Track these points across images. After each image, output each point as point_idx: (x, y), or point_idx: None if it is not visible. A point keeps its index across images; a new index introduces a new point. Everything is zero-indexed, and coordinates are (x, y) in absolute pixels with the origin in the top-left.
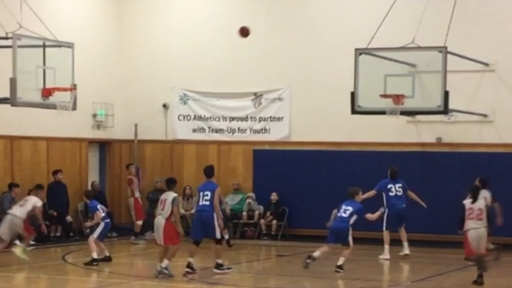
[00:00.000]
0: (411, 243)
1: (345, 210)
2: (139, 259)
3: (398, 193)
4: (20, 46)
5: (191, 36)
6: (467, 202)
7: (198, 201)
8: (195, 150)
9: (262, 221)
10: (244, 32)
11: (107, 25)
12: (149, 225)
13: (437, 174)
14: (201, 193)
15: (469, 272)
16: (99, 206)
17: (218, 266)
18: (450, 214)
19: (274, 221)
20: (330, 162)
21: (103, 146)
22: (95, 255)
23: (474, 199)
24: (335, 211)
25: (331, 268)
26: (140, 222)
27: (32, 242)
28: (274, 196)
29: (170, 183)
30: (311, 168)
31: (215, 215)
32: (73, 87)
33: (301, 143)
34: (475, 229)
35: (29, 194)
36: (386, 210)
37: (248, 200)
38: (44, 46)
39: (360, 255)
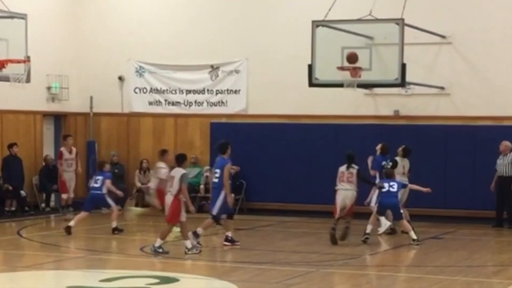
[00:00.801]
0: (369, 215)
1: (392, 186)
2: (97, 233)
3: None
4: None
5: (148, 7)
6: (342, 167)
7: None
8: (152, 123)
9: None
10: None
11: None
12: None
13: (395, 147)
14: (213, 171)
15: (425, 245)
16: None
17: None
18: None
19: (232, 195)
20: (288, 135)
21: (58, 119)
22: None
23: (349, 165)
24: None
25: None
26: (64, 196)
27: None
28: (233, 170)
29: (179, 160)
30: (269, 141)
31: (223, 192)
32: (27, 59)
33: (259, 116)
34: (344, 190)
35: None
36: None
37: (205, 174)
38: None
39: (318, 228)
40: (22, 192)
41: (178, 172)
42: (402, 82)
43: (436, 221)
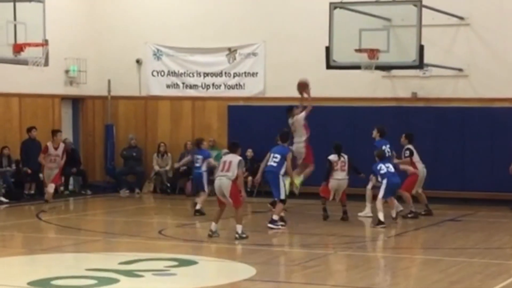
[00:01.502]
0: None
1: (388, 167)
2: (116, 215)
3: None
4: None
5: None
6: (332, 157)
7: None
8: (169, 106)
9: None
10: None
11: None
12: (123, 182)
13: (413, 129)
14: (271, 154)
15: (443, 227)
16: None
17: (273, 221)
18: (428, 169)
19: (250, 178)
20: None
21: (76, 102)
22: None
23: (338, 154)
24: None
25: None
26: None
27: (5, 200)
28: (249, 153)
29: (234, 147)
30: (286, 124)
31: (280, 176)
32: (45, 43)
33: (276, 98)
34: (338, 180)
35: None
36: None
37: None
38: (14, 0)
39: (335, 210)
40: (41, 176)
41: (235, 157)
42: (420, 64)
43: (454, 203)
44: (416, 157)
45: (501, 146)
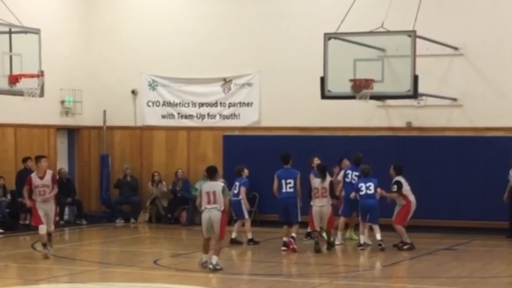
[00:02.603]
0: (382, 227)
1: (369, 187)
2: (111, 245)
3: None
4: None
5: (159, 21)
6: (315, 181)
7: (281, 188)
8: (165, 136)
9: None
10: None
11: (75, 11)
12: (118, 212)
13: (407, 158)
14: (283, 181)
15: (439, 256)
16: None
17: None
18: (421, 198)
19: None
20: (300, 147)
21: (72, 132)
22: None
23: (323, 177)
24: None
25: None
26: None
27: (0, 230)
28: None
29: (213, 172)
30: (281, 153)
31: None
32: (41, 74)
33: (271, 128)
34: (319, 207)
35: None
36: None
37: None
38: (10, 32)
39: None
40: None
41: (218, 186)
42: (414, 94)
43: (449, 232)
44: (406, 189)
45: (495, 175)
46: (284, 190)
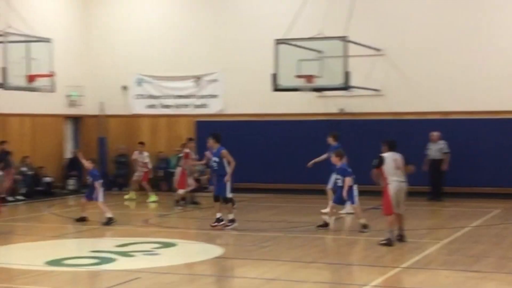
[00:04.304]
0: (322, 192)
1: None
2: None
3: None
4: (8, 42)
5: (144, 31)
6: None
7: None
8: (149, 122)
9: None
10: None
11: (79, 24)
12: (114, 183)
13: (341, 138)
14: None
15: (367, 214)
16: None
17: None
18: (351, 168)
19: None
20: (256, 129)
21: (76, 120)
22: (109, 214)
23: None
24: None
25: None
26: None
27: (22, 198)
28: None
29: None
30: (242, 134)
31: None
32: (52, 74)
33: (234, 115)
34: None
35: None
36: None
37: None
38: (27, 41)
39: (281, 202)
40: (46, 178)
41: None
42: (346, 86)
43: (377, 195)
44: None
45: (411, 150)
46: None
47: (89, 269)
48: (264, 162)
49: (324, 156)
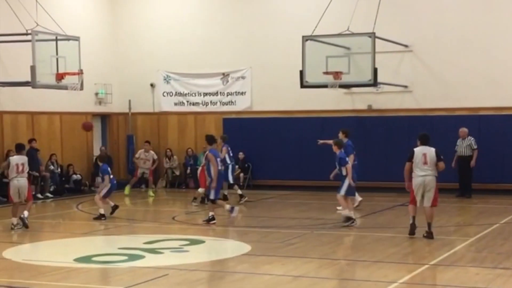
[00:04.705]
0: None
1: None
2: (137, 206)
3: None
4: (37, 40)
5: (172, 29)
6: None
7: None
8: (177, 120)
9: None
10: (87, 127)
11: (106, 22)
12: (141, 180)
13: (368, 134)
14: (218, 159)
15: (396, 211)
16: (109, 169)
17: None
18: (380, 165)
19: (242, 174)
20: (284, 126)
21: (104, 118)
22: (102, 211)
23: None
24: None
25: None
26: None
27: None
28: (241, 155)
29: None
30: (269, 131)
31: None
32: (80, 72)
33: (261, 112)
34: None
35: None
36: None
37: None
38: (56, 39)
39: (309, 199)
40: (74, 176)
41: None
42: (374, 83)
43: (404, 192)
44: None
45: (439, 147)
46: (219, 168)
47: (118, 266)
48: (292, 159)
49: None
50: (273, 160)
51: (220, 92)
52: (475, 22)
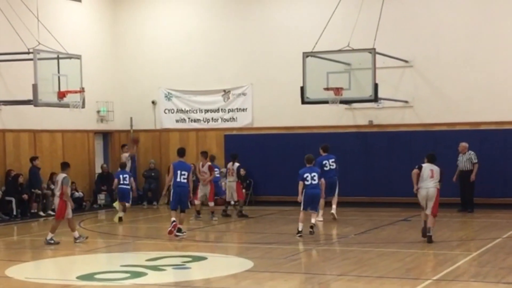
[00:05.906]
0: (351, 204)
1: (313, 177)
2: (139, 223)
3: (331, 167)
4: (39, 59)
5: (172, 46)
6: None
7: (176, 177)
8: (178, 137)
9: None
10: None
11: (107, 41)
12: (144, 197)
13: (370, 149)
14: (178, 171)
15: (398, 226)
16: (121, 176)
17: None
18: (383, 180)
19: (243, 190)
20: (285, 142)
21: (106, 135)
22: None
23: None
24: (301, 182)
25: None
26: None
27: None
28: (242, 171)
29: (64, 166)
30: (270, 148)
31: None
32: (82, 90)
33: (262, 128)
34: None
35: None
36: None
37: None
38: (58, 58)
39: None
40: (76, 193)
41: (60, 176)
42: (375, 98)
43: (406, 207)
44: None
45: (440, 161)
46: (178, 179)
47: (120, 283)
48: (293, 175)
49: None
50: (275, 176)
51: (221, 109)
52: (476, 38)
